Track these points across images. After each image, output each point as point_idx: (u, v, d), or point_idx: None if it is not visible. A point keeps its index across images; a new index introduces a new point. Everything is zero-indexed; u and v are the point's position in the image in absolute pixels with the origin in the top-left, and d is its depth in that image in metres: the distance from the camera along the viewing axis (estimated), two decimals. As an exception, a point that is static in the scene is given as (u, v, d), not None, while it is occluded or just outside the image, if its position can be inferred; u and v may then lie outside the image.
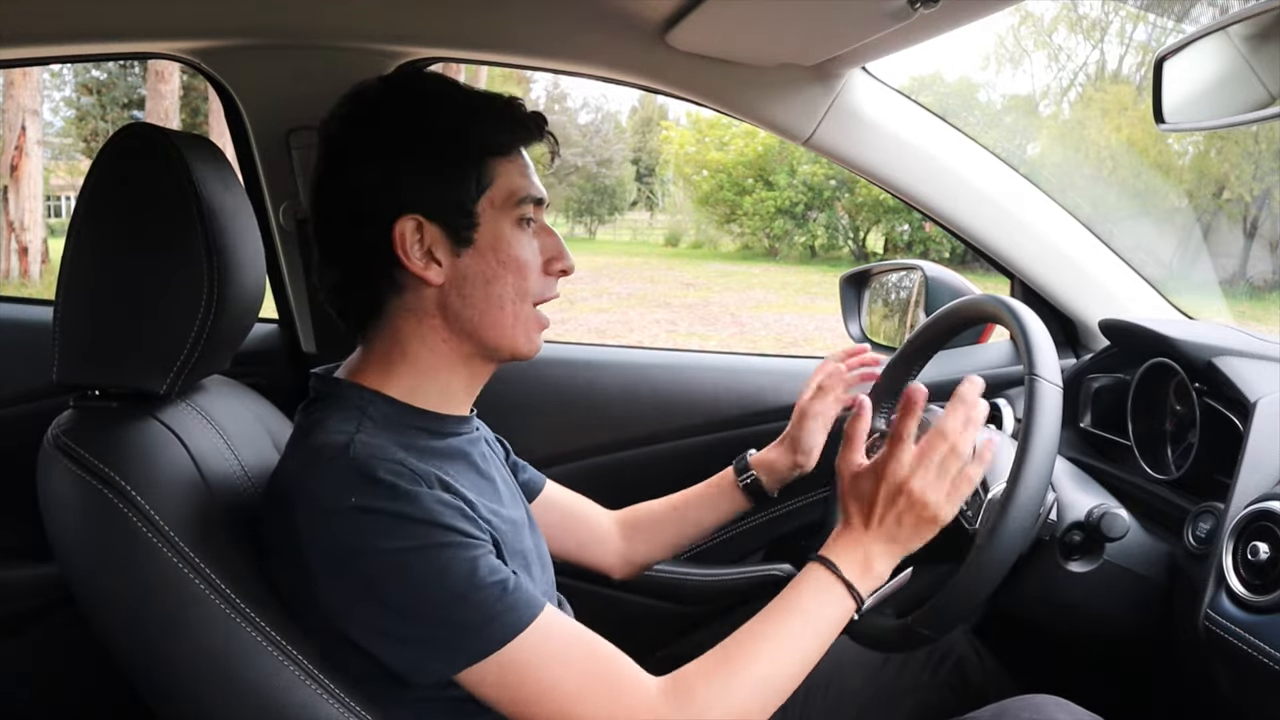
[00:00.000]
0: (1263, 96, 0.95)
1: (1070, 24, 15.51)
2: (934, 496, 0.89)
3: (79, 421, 0.87)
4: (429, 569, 0.79)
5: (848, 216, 14.32)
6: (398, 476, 0.81)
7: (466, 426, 0.96)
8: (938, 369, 1.23)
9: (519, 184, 0.91)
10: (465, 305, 0.90)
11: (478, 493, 0.90)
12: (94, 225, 0.87)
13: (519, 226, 0.91)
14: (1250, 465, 0.97)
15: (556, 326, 1.00)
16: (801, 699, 1.19)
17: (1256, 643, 0.86)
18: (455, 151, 0.89)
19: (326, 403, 0.90)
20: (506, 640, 0.80)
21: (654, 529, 1.23)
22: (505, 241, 0.90)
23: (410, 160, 0.88)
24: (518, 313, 0.91)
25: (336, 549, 0.80)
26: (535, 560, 0.98)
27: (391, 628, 0.80)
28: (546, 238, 0.94)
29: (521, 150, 0.93)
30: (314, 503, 0.81)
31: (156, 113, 10.23)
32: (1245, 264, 11.33)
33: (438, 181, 0.88)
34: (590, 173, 22.53)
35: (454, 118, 0.90)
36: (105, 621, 0.82)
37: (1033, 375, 0.92)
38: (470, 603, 0.80)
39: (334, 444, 0.83)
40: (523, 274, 0.91)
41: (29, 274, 9.44)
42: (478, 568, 0.81)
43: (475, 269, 0.89)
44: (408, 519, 0.80)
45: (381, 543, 0.79)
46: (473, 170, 0.89)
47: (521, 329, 0.92)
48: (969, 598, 0.89)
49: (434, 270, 0.89)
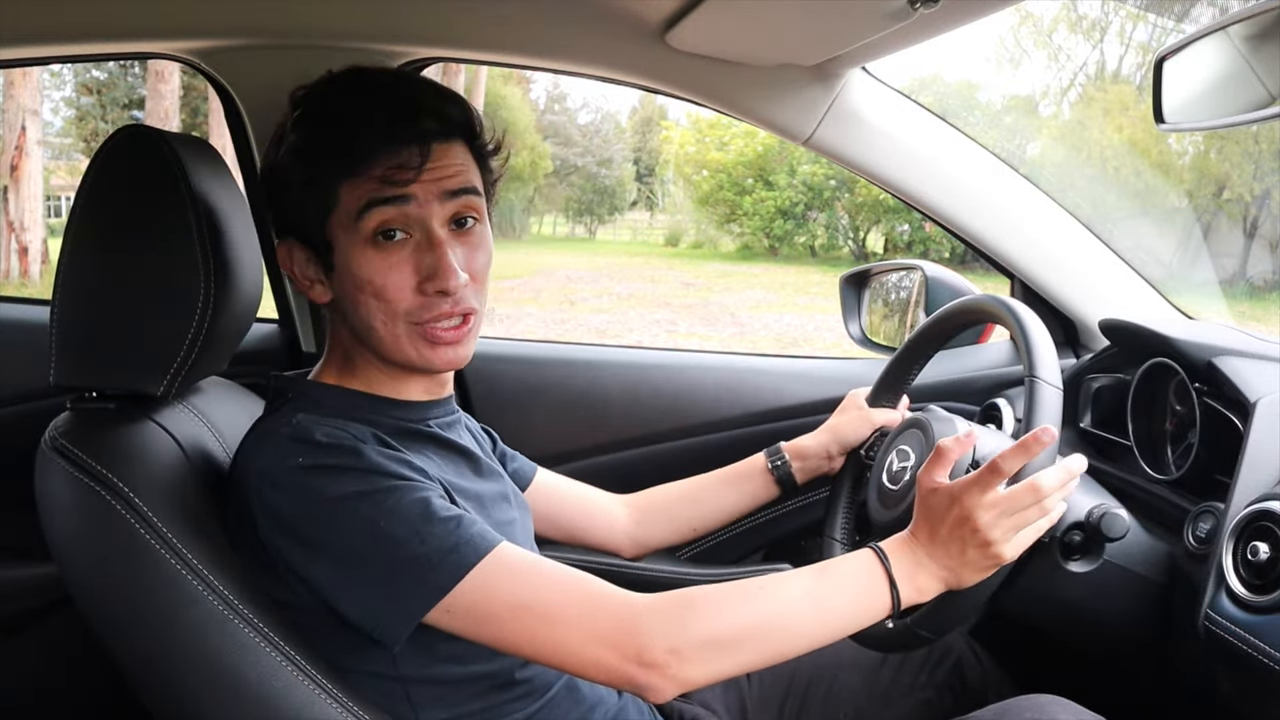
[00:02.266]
0: (1263, 96, 0.95)
1: (1070, 24, 15.51)
2: (999, 536, 0.86)
3: (76, 423, 0.87)
4: (378, 510, 0.80)
5: (848, 216, 14.31)
6: (337, 438, 0.82)
7: (436, 411, 0.96)
8: (938, 369, 1.23)
9: (364, 194, 0.84)
10: (351, 326, 0.90)
11: (439, 464, 0.91)
12: (91, 226, 0.87)
13: (371, 245, 0.85)
14: (1250, 465, 0.97)
15: (556, 326, 1.01)
16: (800, 698, 1.19)
17: (1256, 643, 0.86)
18: (303, 174, 0.86)
19: (280, 397, 0.93)
20: (469, 567, 0.79)
21: (673, 510, 1.21)
22: (355, 264, 0.86)
23: (273, 182, 0.89)
24: (394, 334, 0.87)
25: (288, 512, 0.81)
26: (519, 531, 0.98)
27: (352, 577, 0.80)
28: (425, 254, 0.86)
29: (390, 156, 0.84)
30: (260, 476, 0.83)
31: (156, 113, 10.23)
32: (1245, 264, 11.33)
33: (291, 205, 0.88)
34: (590, 173, 22.54)
35: (305, 136, 0.86)
36: (103, 622, 0.82)
37: (1033, 377, 0.92)
38: (426, 536, 0.79)
39: (276, 424, 0.86)
40: (382, 295, 0.85)
41: (29, 274, 9.44)
42: (429, 504, 0.81)
43: (342, 291, 0.89)
44: (352, 469, 0.81)
45: (329, 491, 0.80)
46: (319, 192, 0.86)
47: (409, 346, 0.88)
48: (969, 598, 0.89)
49: (318, 289, 0.90)
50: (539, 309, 9.43)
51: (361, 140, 0.84)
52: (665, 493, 1.23)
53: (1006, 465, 0.86)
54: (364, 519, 0.79)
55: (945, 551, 0.88)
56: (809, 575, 0.88)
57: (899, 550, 0.89)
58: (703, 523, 1.21)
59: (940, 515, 0.88)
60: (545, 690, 0.95)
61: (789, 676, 1.21)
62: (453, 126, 0.88)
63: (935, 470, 0.90)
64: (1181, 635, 0.97)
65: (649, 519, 1.21)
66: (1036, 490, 0.86)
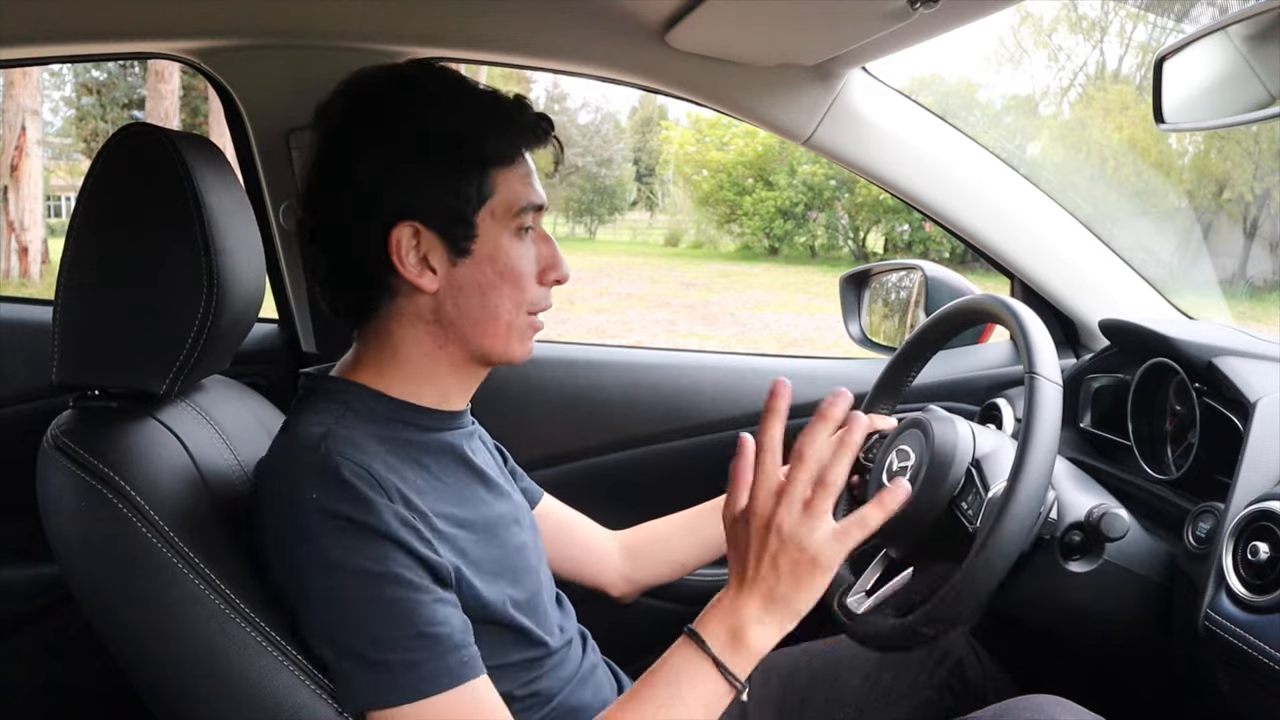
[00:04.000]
0: (1263, 96, 0.95)
1: (1070, 24, 15.51)
2: (807, 535, 0.78)
3: (78, 421, 0.87)
4: (366, 598, 0.78)
5: (848, 216, 14.30)
6: (359, 480, 0.80)
7: (458, 422, 0.96)
8: (938, 369, 1.23)
9: (520, 193, 0.89)
10: (460, 313, 0.89)
11: (458, 487, 0.90)
12: (94, 224, 0.87)
13: (518, 236, 0.90)
14: (1250, 465, 0.97)
15: (556, 326, 1.01)
16: (801, 698, 1.19)
17: (1256, 643, 0.86)
18: (458, 159, 0.86)
19: (313, 397, 0.91)
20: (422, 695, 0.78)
21: (662, 548, 1.20)
22: (504, 253, 0.89)
23: (411, 164, 0.86)
24: (513, 322, 0.90)
25: (286, 537, 0.80)
26: (532, 554, 0.98)
27: (322, 635, 0.80)
28: (544, 246, 0.93)
29: (526, 156, 0.91)
30: (278, 490, 0.82)
31: (156, 113, 10.23)
32: (1245, 264, 11.32)
33: (438, 189, 0.86)
34: (590, 173, 22.52)
35: (458, 122, 0.87)
36: (104, 621, 0.82)
37: (1032, 374, 0.92)
38: (399, 646, 0.78)
39: (310, 435, 0.84)
40: (520, 284, 0.90)
41: (29, 274, 9.44)
42: (416, 615, 0.79)
43: (472, 279, 0.88)
44: (361, 527, 0.79)
45: (330, 551, 0.78)
46: (475, 180, 0.87)
47: (516, 337, 0.91)
48: (970, 597, 0.89)
49: (428, 278, 0.87)
50: (539, 309, 9.40)
51: (515, 132, 0.89)
52: (654, 530, 1.21)
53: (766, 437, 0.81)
54: (349, 600, 0.79)
55: (765, 587, 0.80)
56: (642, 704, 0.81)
57: (714, 619, 0.82)
58: (692, 559, 1.19)
59: (744, 544, 0.81)
60: (549, 701, 0.95)
61: (789, 676, 1.21)
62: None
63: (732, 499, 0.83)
64: (1181, 635, 0.97)
65: (642, 557, 1.20)
66: (802, 460, 0.79)
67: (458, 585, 0.85)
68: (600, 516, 1.24)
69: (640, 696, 0.82)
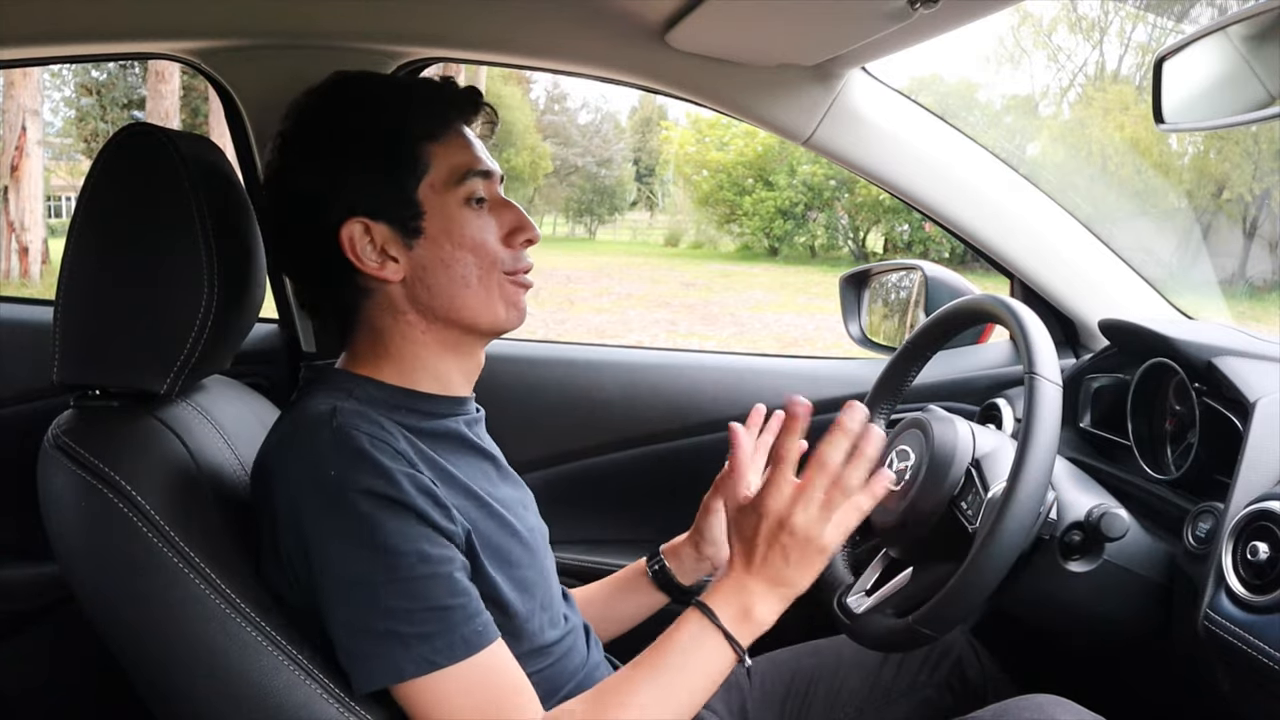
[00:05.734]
0: (1263, 96, 0.95)
1: (1070, 24, 15.51)
2: (818, 530, 0.85)
3: (79, 421, 0.87)
4: (387, 572, 0.79)
5: (848, 216, 14.31)
6: (377, 450, 0.81)
7: (463, 408, 0.96)
8: (938, 369, 1.23)
9: (459, 161, 0.90)
10: (433, 294, 0.90)
11: (467, 470, 0.90)
12: (94, 225, 0.87)
13: (469, 206, 0.90)
14: (1250, 465, 0.97)
15: (556, 326, 1.01)
16: (801, 698, 1.19)
17: (1256, 643, 0.86)
18: (388, 144, 0.88)
19: (315, 385, 0.91)
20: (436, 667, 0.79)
21: (600, 611, 1.16)
22: (457, 224, 0.89)
23: (346, 160, 0.88)
24: (488, 286, 0.91)
25: (302, 516, 0.80)
26: (540, 538, 0.99)
27: (340, 612, 0.80)
28: (505, 211, 0.93)
29: (463, 129, 0.92)
30: (294, 470, 0.82)
31: (156, 113, 10.24)
32: (1245, 264, 11.33)
33: (374, 179, 0.88)
34: (590, 173, 22.54)
35: (382, 110, 0.90)
36: (105, 620, 0.82)
37: (1032, 374, 0.92)
38: (415, 618, 0.79)
39: (319, 413, 0.84)
40: (481, 251, 0.90)
41: (29, 274, 9.44)
42: (435, 585, 0.80)
43: (433, 256, 0.89)
44: (382, 498, 0.79)
45: (351, 524, 0.79)
46: (407, 160, 0.88)
47: (498, 301, 0.92)
48: (970, 597, 0.89)
49: (391, 268, 0.89)
50: (539, 309, 9.42)
51: (441, 106, 0.91)
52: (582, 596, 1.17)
53: (784, 449, 0.85)
54: (371, 578, 0.79)
55: (772, 571, 0.86)
56: (651, 666, 0.86)
57: (724, 594, 0.87)
58: (617, 628, 1.17)
59: (752, 533, 0.86)
60: (553, 695, 0.95)
61: (790, 676, 1.21)
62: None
63: (735, 488, 0.92)
64: (1181, 635, 0.97)
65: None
66: (824, 468, 0.84)
67: (471, 561, 0.86)
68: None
69: (649, 663, 0.86)
